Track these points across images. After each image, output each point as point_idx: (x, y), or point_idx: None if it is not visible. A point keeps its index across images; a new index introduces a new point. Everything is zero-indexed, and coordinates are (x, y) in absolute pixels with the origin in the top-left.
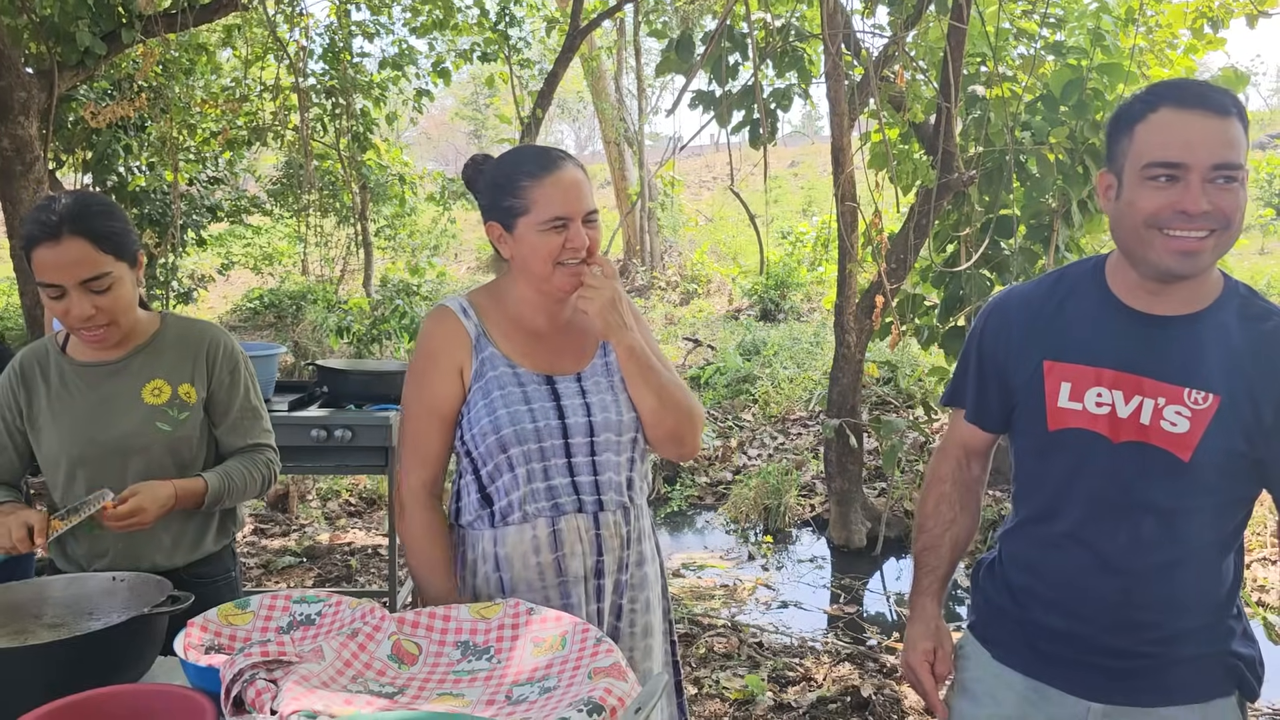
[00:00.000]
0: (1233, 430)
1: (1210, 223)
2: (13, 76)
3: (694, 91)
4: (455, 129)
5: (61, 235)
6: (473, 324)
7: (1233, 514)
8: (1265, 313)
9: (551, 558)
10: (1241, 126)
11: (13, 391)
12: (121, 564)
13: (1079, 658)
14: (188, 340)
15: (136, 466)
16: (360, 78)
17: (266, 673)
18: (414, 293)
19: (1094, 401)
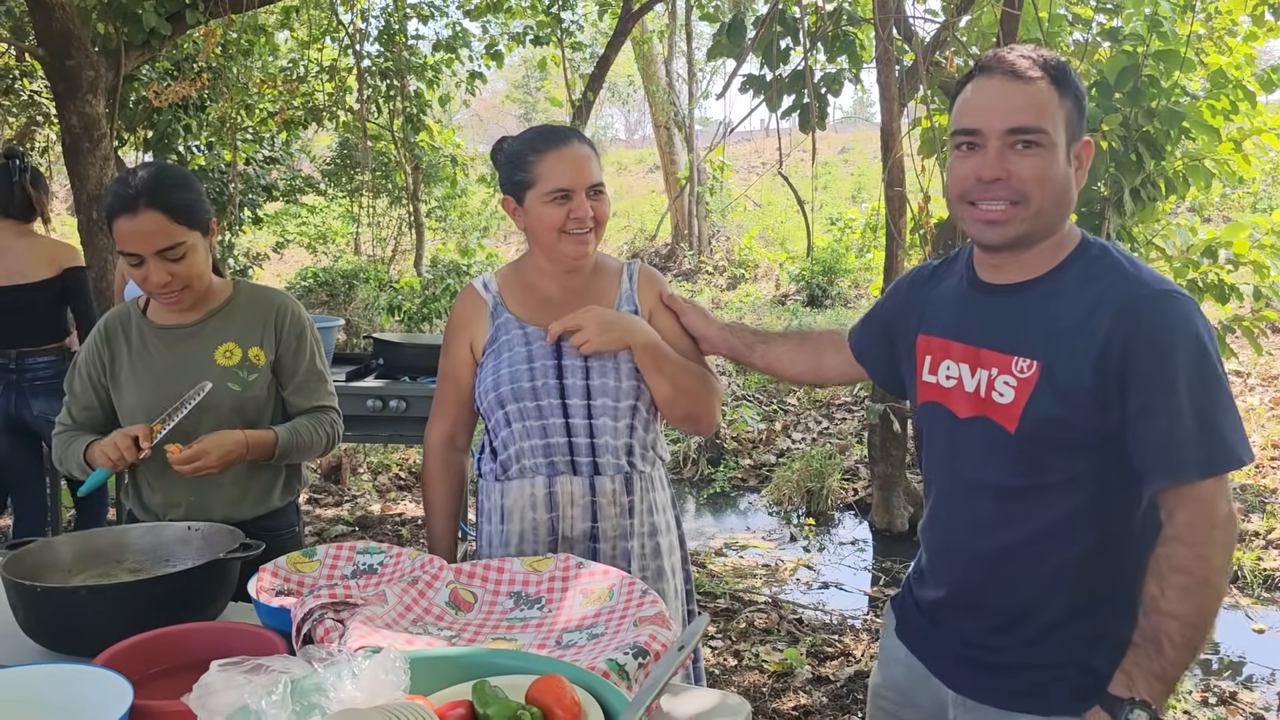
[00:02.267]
0: (1054, 396)
1: (1006, 191)
2: (81, 56)
3: (744, 76)
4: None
5: (139, 208)
6: (491, 295)
7: (1082, 498)
8: (1105, 271)
9: (546, 517)
10: (1057, 92)
11: (98, 351)
12: (193, 514)
13: (943, 641)
14: (258, 306)
15: (207, 424)
16: (414, 60)
17: (334, 613)
18: (464, 273)
19: (945, 375)
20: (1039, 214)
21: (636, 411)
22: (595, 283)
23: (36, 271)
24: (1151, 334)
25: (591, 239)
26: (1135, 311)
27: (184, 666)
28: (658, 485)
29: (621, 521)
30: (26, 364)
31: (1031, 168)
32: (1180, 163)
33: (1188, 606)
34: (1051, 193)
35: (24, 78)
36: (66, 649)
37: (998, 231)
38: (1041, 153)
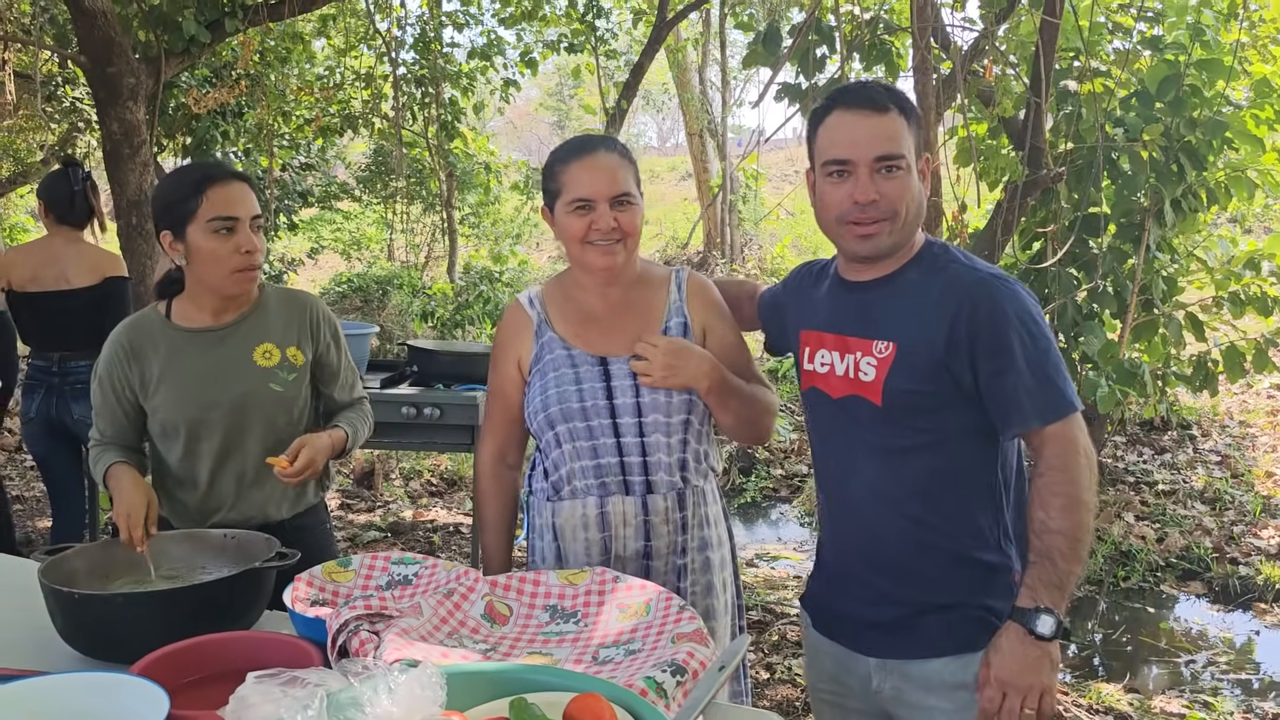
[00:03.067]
0: (909, 371)
1: (879, 211)
2: (123, 63)
3: (780, 84)
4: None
5: (231, 178)
6: (536, 312)
7: (952, 447)
8: (946, 265)
9: (599, 537)
10: (905, 120)
11: (124, 364)
12: (236, 515)
13: (850, 613)
14: (291, 307)
15: (253, 426)
16: (449, 67)
17: (369, 625)
18: (496, 279)
19: (820, 362)
20: (905, 226)
21: (689, 425)
22: (639, 295)
23: (80, 278)
24: (990, 311)
25: (619, 250)
26: (974, 294)
27: (219, 676)
28: (709, 498)
29: (674, 538)
30: (68, 368)
31: (897, 189)
32: (1222, 173)
33: (1069, 522)
34: (914, 206)
35: (66, 84)
36: (103, 655)
37: (872, 244)
38: (902, 175)
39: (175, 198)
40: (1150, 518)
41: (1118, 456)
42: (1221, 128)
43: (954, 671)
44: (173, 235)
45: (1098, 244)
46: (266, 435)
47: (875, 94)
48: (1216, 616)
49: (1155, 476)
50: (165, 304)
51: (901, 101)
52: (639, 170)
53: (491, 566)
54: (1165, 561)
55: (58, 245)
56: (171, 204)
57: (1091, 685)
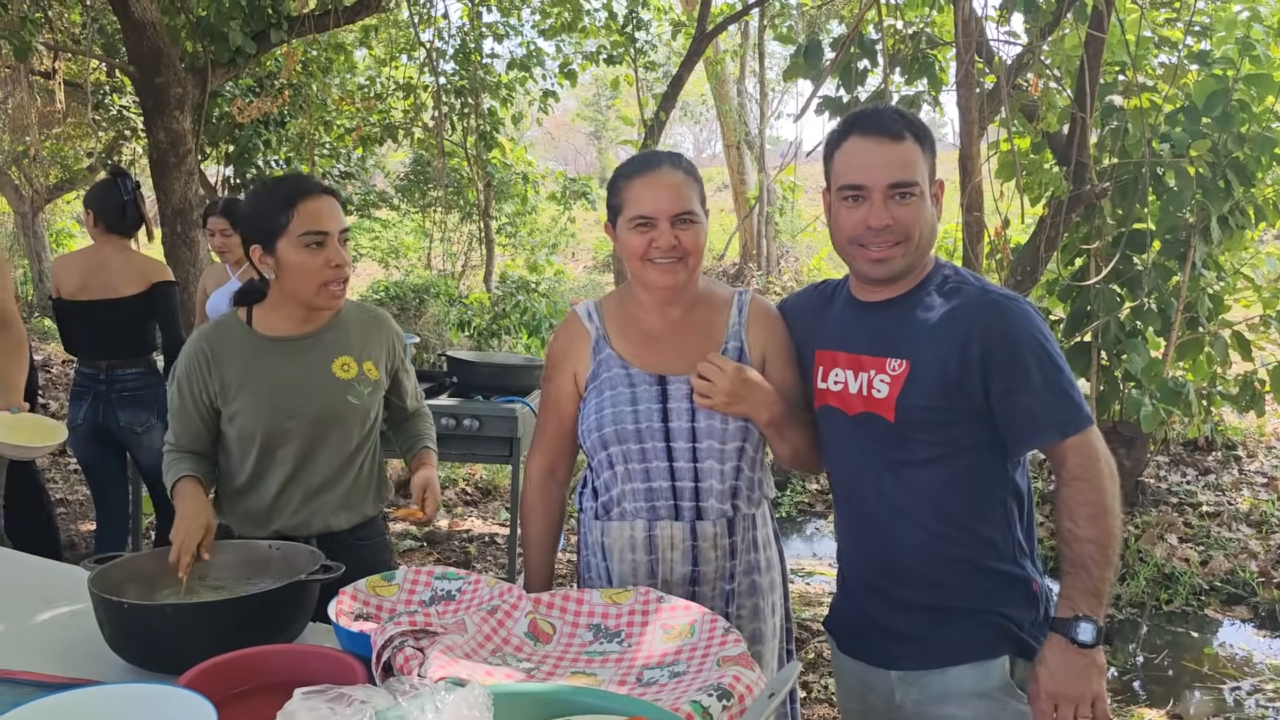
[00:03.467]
0: (922, 388)
1: (893, 235)
2: (170, 73)
3: (821, 97)
4: (576, 129)
5: (321, 193)
6: (595, 326)
7: (965, 461)
8: (958, 287)
9: (646, 559)
10: (919, 147)
11: (203, 369)
12: (298, 523)
13: (871, 628)
14: (368, 322)
15: (329, 437)
16: (489, 78)
17: (414, 641)
18: (532, 289)
19: (834, 380)
20: (917, 249)
21: (743, 452)
22: (700, 315)
23: (128, 286)
24: (1003, 330)
25: (679, 269)
26: (986, 314)
27: (265, 688)
28: (759, 522)
29: (723, 564)
30: (116, 375)
31: (909, 214)
32: (1271, 189)
33: (1098, 529)
34: (926, 231)
35: (114, 93)
36: (151, 665)
37: (885, 268)
38: (915, 201)
39: (266, 212)
40: (1194, 540)
41: (1161, 477)
42: (1270, 144)
43: (974, 680)
44: (263, 249)
45: (1142, 260)
46: (340, 447)
47: (891, 122)
48: (1263, 642)
49: (1199, 498)
50: (246, 311)
51: (917, 129)
52: (704, 188)
53: (533, 583)
54: (1209, 585)
55: (106, 254)
56: (262, 218)
57: (1133, 710)
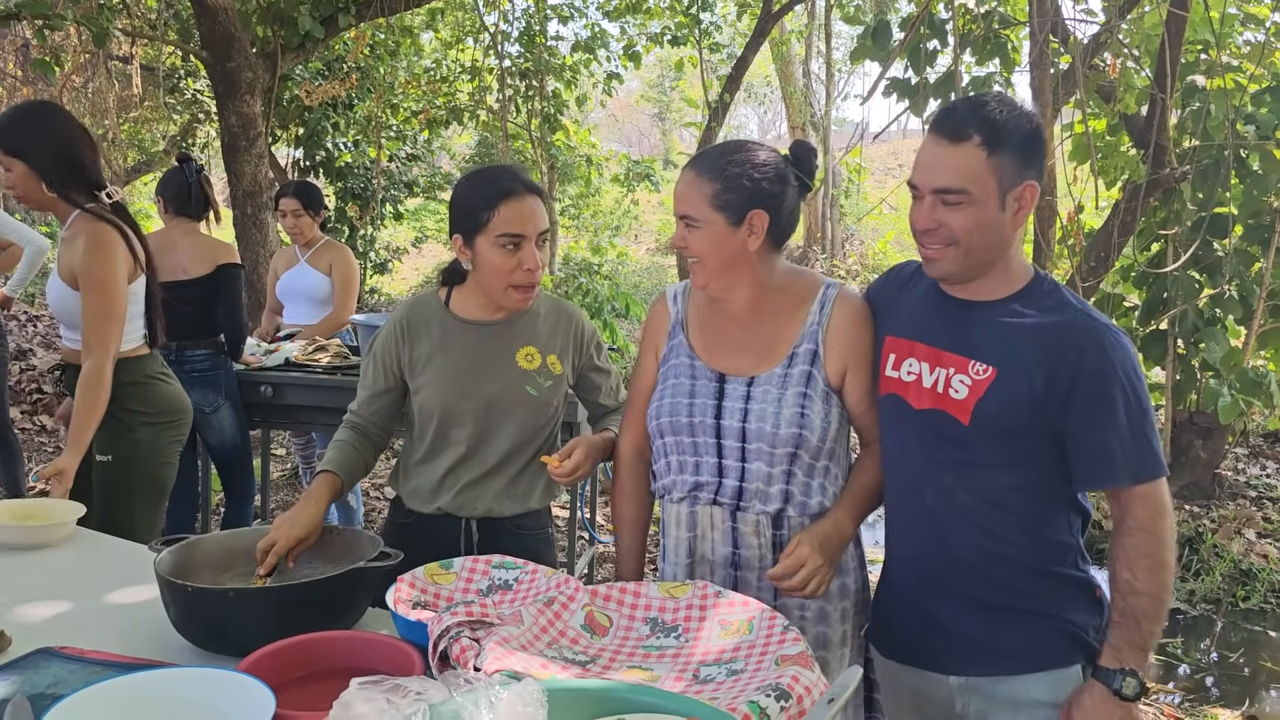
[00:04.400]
0: (1004, 399)
1: (938, 239)
2: (241, 58)
3: (889, 79)
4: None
5: (524, 192)
6: (678, 309)
7: (1029, 471)
8: (1059, 306)
9: (687, 536)
10: (986, 152)
11: (398, 340)
12: (462, 503)
13: (925, 630)
14: (559, 316)
15: (501, 425)
16: (553, 60)
17: (470, 631)
18: (595, 271)
19: (906, 371)
20: (969, 254)
21: (796, 458)
22: (775, 310)
23: (196, 268)
24: (1098, 360)
25: (699, 270)
26: (1083, 341)
27: (324, 673)
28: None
29: (768, 554)
30: (185, 356)
31: (957, 219)
32: None
33: (1155, 584)
34: (980, 237)
35: (188, 77)
36: (214, 647)
37: (934, 268)
38: (965, 208)
39: (470, 208)
40: (1273, 535)
41: (1239, 470)
42: None
43: (1043, 689)
44: (463, 240)
45: (1223, 246)
46: (517, 435)
47: (955, 123)
48: None
49: (1279, 492)
50: (446, 291)
51: (990, 130)
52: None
53: (624, 563)
54: None
55: (176, 236)
56: (465, 212)
57: (1206, 709)
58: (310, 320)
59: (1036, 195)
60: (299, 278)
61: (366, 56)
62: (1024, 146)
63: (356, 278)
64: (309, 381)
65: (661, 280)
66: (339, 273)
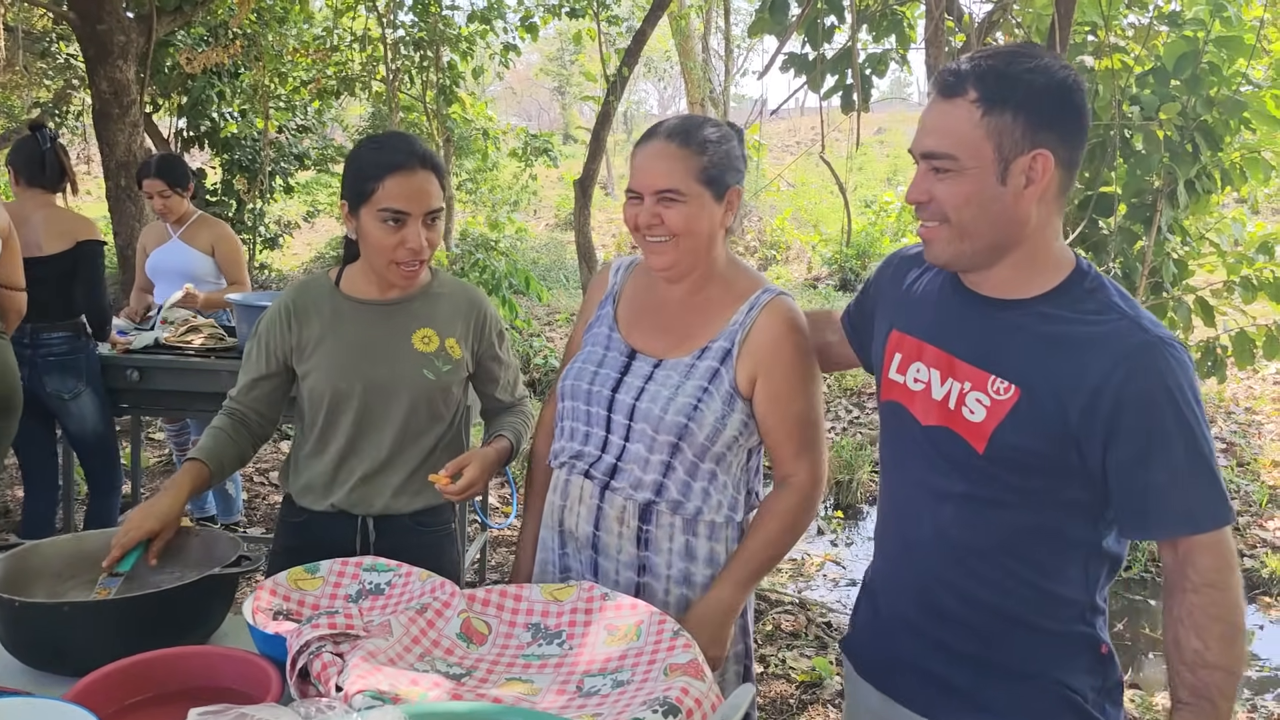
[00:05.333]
0: (1029, 427)
1: (928, 214)
2: (113, 20)
3: (786, 54)
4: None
5: (416, 166)
6: (615, 281)
7: (1049, 514)
8: (1103, 310)
9: (559, 504)
10: (983, 110)
11: (284, 323)
12: (357, 499)
13: (906, 663)
14: (459, 299)
15: (396, 410)
16: (449, 30)
17: (333, 645)
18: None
19: (913, 377)
20: (963, 235)
21: (678, 451)
22: (706, 302)
23: (51, 244)
24: (1147, 384)
25: (668, 249)
26: (1133, 361)
27: (172, 695)
28: (708, 534)
29: (629, 549)
30: (41, 339)
31: (948, 191)
32: (1238, 154)
33: (1232, 656)
34: (974, 214)
35: (60, 40)
36: (49, 667)
37: (930, 250)
38: (957, 177)
39: (358, 175)
40: None
41: None
42: (1239, 107)
43: None
44: (349, 209)
45: (1108, 225)
46: (408, 423)
47: (954, 74)
48: None
49: None
50: (338, 270)
51: (989, 84)
52: (721, 161)
53: (526, 532)
54: None
55: (29, 210)
56: (352, 179)
57: None
58: None
59: (1050, 168)
60: (171, 255)
61: (253, 22)
62: (1037, 106)
63: (244, 253)
64: (180, 365)
65: (561, 256)
66: (225, 253)
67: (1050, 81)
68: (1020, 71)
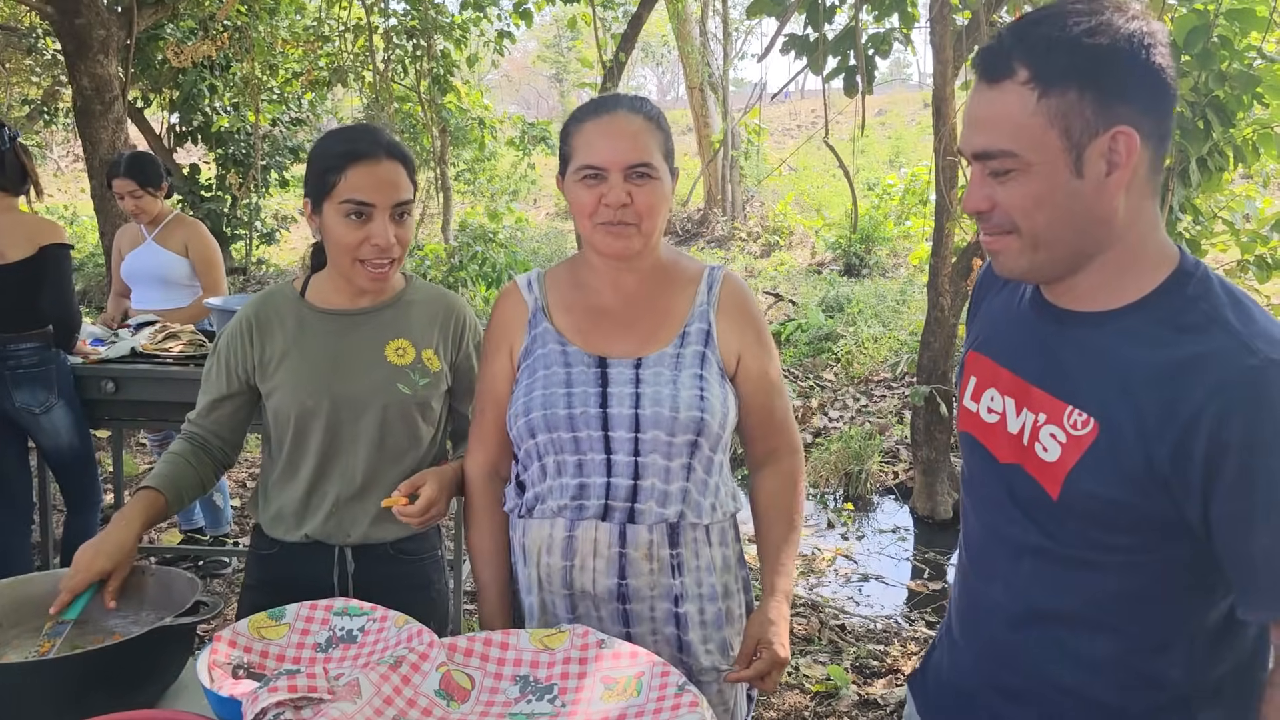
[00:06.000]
0: (1110, 470)
1: (993, 225)
2: (91, 14)
3: (787, 36)
4: (537, 72)
5: (381, 156)
6: (534, 297)
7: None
8: (1205, 324)
9: (561, 565)
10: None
11: (245, 339)
12: (333, 528)
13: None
14: (435, 306)
15: (370, 428)
16: (441, 18)
17: (293, 712)
18: (491, 239)
19: (986, 407)
20: (1038, 245)
21: (697, 449)
22: (659, 290)
23: (14, 251)
24: (1264, 422)
25: (632, 234)
26: (1242, 388)
27: None
28: (720, 539)
29: (661, 579)
30: (8, 350)
31: (1013, 195)
32: (1250, 130)
33: None
34: (1050, 219)
35: (47, 36)
36: None
37: (999, 264)
38: (1021, 177)
39: (319, 167)
40: None
41: None
42: (1252, 82)
43: None
44: (311, 206)
45: None
46: (385, 443)
47: (998, 52)
48: None
49: None
50: (303, 279)
51: (1041, 56)
52: (672, 140)
53: (488, 608)
54: None
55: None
56: (315, 173)
57: None
58: (163, 304)
59: (1136, 146)
60: (146, 257)
61: (242, 14)
62: (1107, 74)
63: (219, 254)
64: (158, 374)
65: (562, 246)
66: (198, 253)
67: (1117, 40)
68: (1078, 35)
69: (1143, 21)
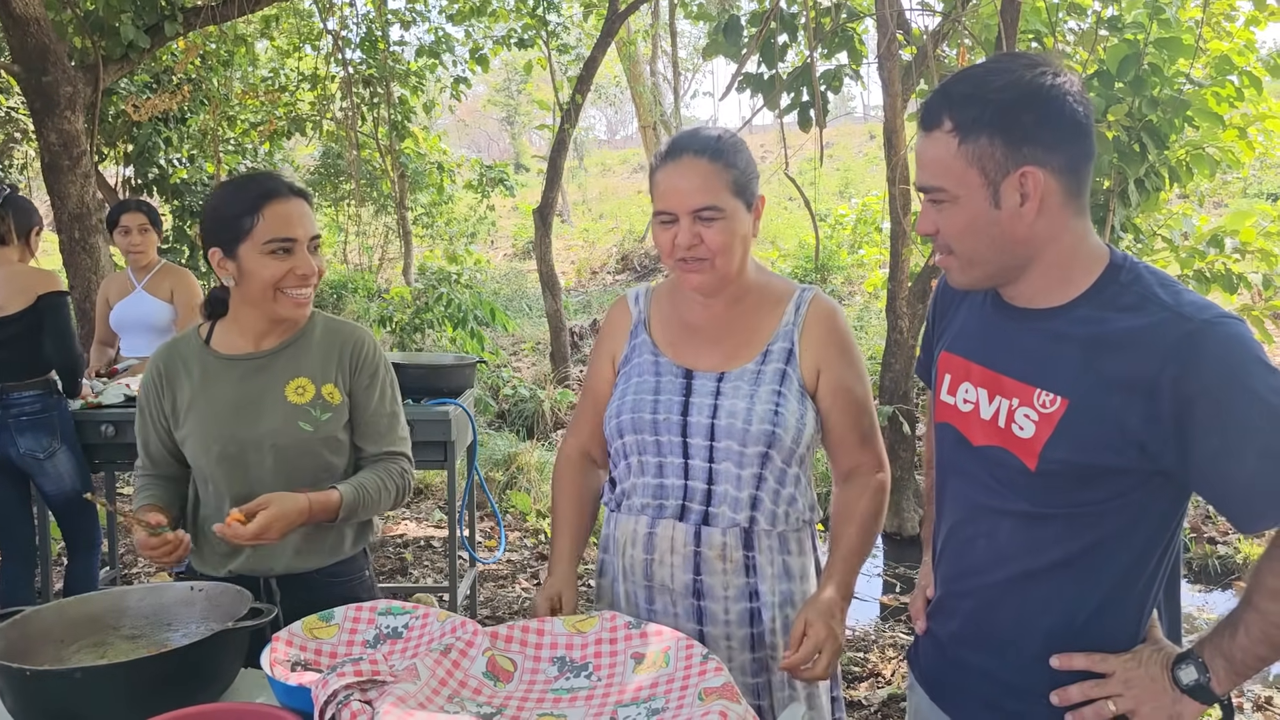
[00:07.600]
0: (1080, 439)
1: (938, 246)
2: (59, 71)
3: (743, 74)
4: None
5: (289, 195)
6: (639, 310)
7: (1113, 524)
8: (1141, 304)
9: (643, 558)
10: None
11: (157, 388)
12: (257, 562)
13: (963, 684)
14: (333, 340)
15: (274, 467)
16: (398, 66)
17: (361, 694)
18: (454, 281)
19: (962, 398)
20: (973, 262)
21: (768, 460)
22: (747, 311)
23: (12, 303)
24: (1212, 371)
25: (706, 269)
26: (1188, 349)
27: None
28: (798, 548)
29: (735, 579)
30: (10, 399)
31: (947, 222)
32: (1183, 151)
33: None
34: (976, 241)
35: (0, 94)
36: None
37: (950, 279)
38: (950, 208)
39: (228, 214)
40: None
41: None
42: (1182, 106)
43: None
44: (223, 253)
45: None
46: (294, 480)
47: (929, 106)
48: (1198, 597)
49: None
50: (209, 326)
51: (960, 110)
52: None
53: (555, 569)
54: None
55: None
56: (224, 221)
57: None
58: (151, 351)
59: (1040, 181)
60: (136, 306)
61: (198, 67)
62: (1011, 123)
63: (200, 296)
64: None
65: (522, 285)
66: (181, 298)
67: (1021, 94)
68: (990, 91)
69: (1052, 75)
